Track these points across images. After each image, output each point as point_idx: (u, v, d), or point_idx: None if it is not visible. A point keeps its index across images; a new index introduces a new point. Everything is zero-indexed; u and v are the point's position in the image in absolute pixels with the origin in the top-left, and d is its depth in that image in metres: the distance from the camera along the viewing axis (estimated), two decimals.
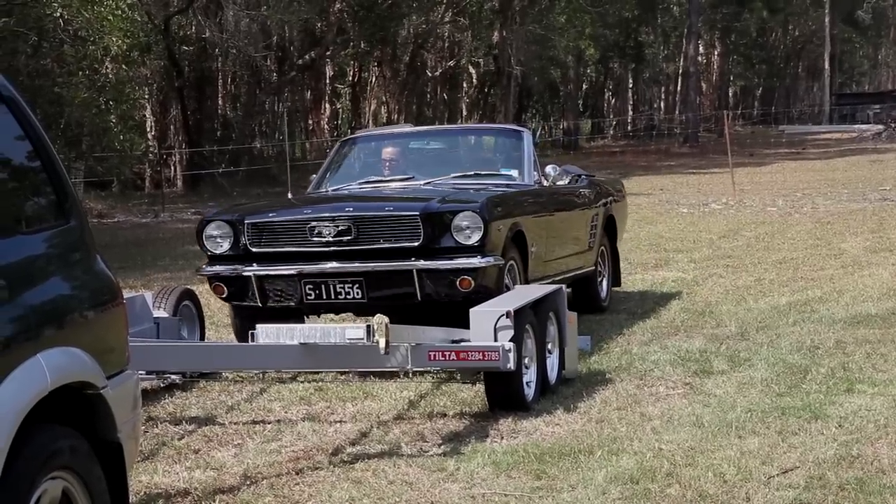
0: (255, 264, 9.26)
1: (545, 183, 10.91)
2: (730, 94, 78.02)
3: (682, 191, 29.81)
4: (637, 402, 8.13)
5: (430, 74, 50.64)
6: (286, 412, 8.10)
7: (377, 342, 7.19)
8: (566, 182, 11.47)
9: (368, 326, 7.21)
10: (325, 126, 46.75)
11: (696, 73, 58.76)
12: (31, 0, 23.10)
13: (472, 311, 8.10)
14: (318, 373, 8.73)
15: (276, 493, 6.31)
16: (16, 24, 23.52)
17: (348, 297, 9.12)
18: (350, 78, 47.71)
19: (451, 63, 50.15)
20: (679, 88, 65.23)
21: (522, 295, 8.65)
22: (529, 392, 8.12)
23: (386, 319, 7.19)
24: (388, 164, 10.94)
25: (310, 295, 9.15)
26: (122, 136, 26.57)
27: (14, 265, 4.11)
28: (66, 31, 25.49)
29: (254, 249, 9.30)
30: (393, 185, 10.55)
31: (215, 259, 9.47)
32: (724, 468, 6.42)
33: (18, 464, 3.84)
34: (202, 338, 9.80)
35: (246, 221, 9.36)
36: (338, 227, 9.11)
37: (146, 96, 35.92)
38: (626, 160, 44.75)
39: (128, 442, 4.56)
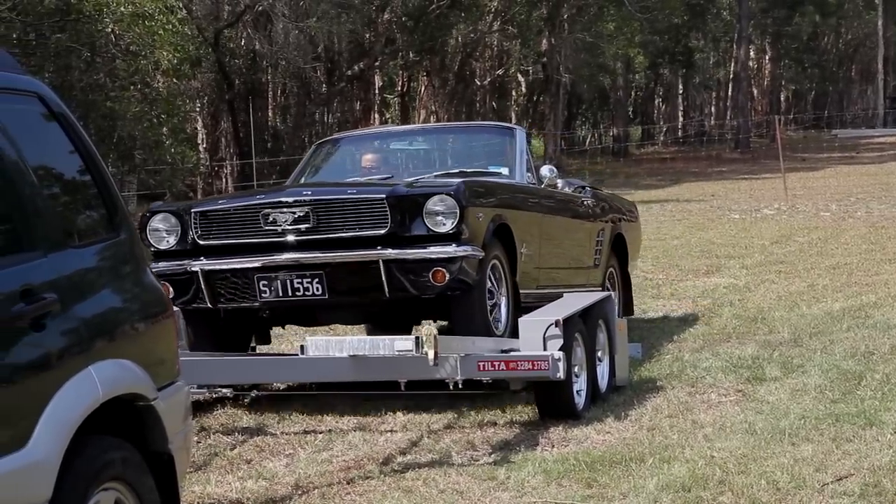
0: (203, 259, 8.31)
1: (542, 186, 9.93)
2: (781, 99, 77.44)
3: (734, 196, 29.64)
4: (689, 410, 8.09)
5: (478, 83, 50.65)
6: (337, 422, 8.12)
7: (426, 353, 7.17)
8: (569, 191, 10.64)
9: (417, 338, 7.20)
10: None
11: (747, 78, 58.38)
12: (83, 16, 23.37)
13: (520, 320, 8.09)
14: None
15: (328, 502, 6.33)
16: (69, 40, 23.80)
17: (307, 293, 8.13)
18: (399, 88, 47.82)
19: (500, 72, 50.15)
20: (730, 94, 64.82)
21: (571, 303, 8.63)
22: (580, 400, 8.12)
23: (434, 331, 7.18)
24: (367, 165, 10.08)
25: (264, 292, 8.18)
26: (173, 149, 26.77)
27: (66, 278, 4.15)
28: (117, 46, 25.74)
29: (202, 242, 8.33)
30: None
31: (161, 255, 8.48)
32: (777, 476, 6.37)
33: (71, 475, 3.88)
34: (251, 347, 9.82)
35: (193, 210, 8.43)
36: (294, 213, 8.13)
37: (197, 109, 36.19)
38: (677, 166, 44.55)
39: (179, 453, 4.59)
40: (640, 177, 39.92)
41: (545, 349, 7.71)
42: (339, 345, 7.53)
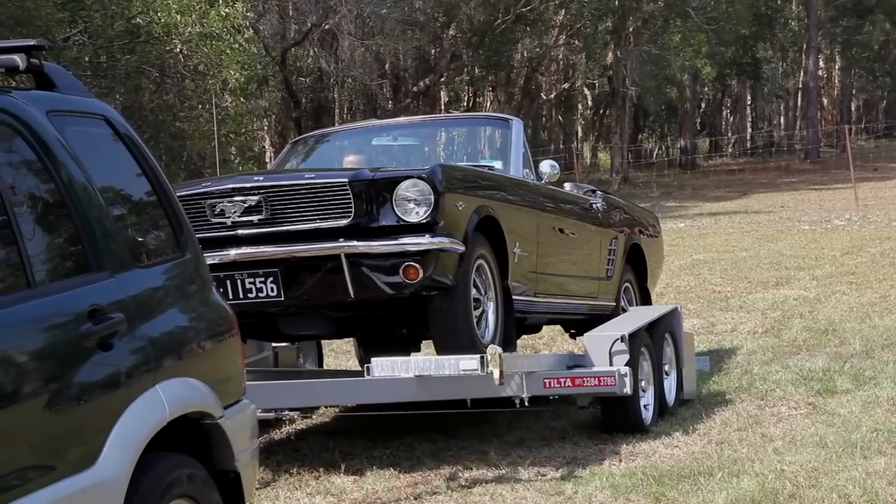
0: None
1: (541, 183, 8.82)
2: (852, 108, 76.55)
3: (804, 207, 29.35)
4: (758, 423, 8.02)
5: (544, 97, 50.63)
6: (403, 438, 8.14)
7: (491, 373, 6.97)
8: (578, 193, 9.75)
9: (482, 357, 6.99)
10: None
11: (817, 88, 57.77)
12: (152, 38, 23.69)
13: (586, 335, 8.05)
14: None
15: None
16: (139, 62, 24.15)
17: (260, 294, 7.16)
18: (465, 103, 47.92)
19: (566, 85, 50.09)
20: (799, 104, 64.20)
21: (637, 317, 8.60)
22: (647, 415, 8.08)
23: (499, 350, 7.04)
24: (349, 165, 8.82)
25: None
26: (241, 168, 27.02)
27: (133, 298, 4.19)
28: (186, 66, 26.06)
29: None
30: None
31: None
32: (849, 489, 6.29)
33: (139, 493, 3.92)
34: (320, 364, 9.87)
35: None
36: (245, 202, 7.13)
37: (265, 128, 36.51)
38: (746, 178, 44.18)
39: (246, 470, 4.61)
40: (708, 189, 39.64)
41: (611, 364, 7.69)
42: (404, 365, 7.25)
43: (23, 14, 20.82)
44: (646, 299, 10.66)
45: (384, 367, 7.25)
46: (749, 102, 67.18)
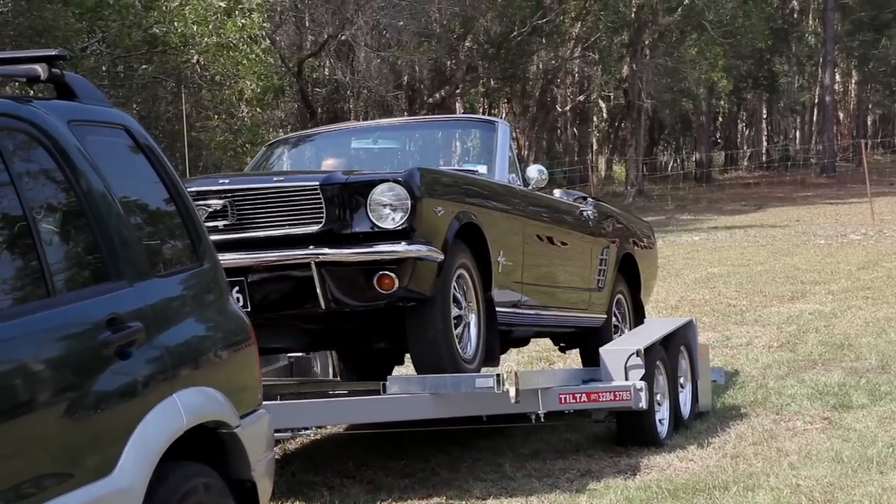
0: None
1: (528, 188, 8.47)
2: (868, 123, 76.41)
3: (819, 221, 29.27)
4: (773, 437, 8.01)
5: (559, 109, 50.65)
6: (418, 450, 8.14)
7: (507, 391, 6.85)
8: (567, 200, 9.41)
9: (498, 376, 6.84)
10: None
11: (833, 102, 57.65)
12: (170, 48, 23.79)
13: (601, 349, 8.01)
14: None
15: None
16: (156, 72, 24.26)
17: None
18: (480, 115, 47.96)
19: (581, 98, 50.10)
20: (815, 118, 64.10)
21: (652, 331, 8.59)
22: (662, 428, 8.08)
23: (516, 368, 7.00)
24: (327, 169, 8.20)
25: None
26: None
27: (151, 307, 4.21)
28: (203, 76, 26.16)
29: None
30: None
31: None
32: None
33: (155, 501, 3.93)
34: (335, 374, 9.86)
35: None
36: (210, 207, 6.72)
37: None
38: (761, 191, 44.12)
39: (262, 480, 4.62)
40: (723, 202, 39.59)
41: (627, 379, 7.68)
42: (419, 383, 7.06)
43: (41, 23, 20.93)
44: (639, 312, 10.27)
45: (399, 384, 7.11)
46: (765, 116, 67.11)
